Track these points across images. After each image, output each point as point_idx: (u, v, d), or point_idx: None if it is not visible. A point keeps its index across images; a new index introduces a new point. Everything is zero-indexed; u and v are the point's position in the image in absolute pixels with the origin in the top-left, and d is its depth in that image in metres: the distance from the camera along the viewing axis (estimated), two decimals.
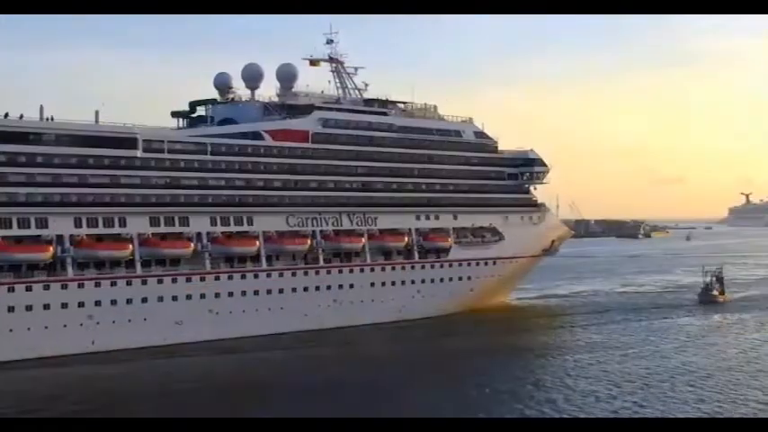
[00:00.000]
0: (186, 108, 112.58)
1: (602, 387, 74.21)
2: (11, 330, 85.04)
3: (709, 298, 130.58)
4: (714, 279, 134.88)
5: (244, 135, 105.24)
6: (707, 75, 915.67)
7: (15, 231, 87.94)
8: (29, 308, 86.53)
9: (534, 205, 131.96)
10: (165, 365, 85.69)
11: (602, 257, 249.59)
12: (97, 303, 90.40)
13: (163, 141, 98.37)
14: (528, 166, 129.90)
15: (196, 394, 73.93)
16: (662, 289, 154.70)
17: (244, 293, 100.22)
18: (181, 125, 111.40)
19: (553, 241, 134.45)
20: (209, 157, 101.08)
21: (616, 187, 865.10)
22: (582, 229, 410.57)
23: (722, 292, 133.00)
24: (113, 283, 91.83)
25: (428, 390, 75.14)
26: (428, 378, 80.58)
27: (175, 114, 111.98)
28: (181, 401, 70.75)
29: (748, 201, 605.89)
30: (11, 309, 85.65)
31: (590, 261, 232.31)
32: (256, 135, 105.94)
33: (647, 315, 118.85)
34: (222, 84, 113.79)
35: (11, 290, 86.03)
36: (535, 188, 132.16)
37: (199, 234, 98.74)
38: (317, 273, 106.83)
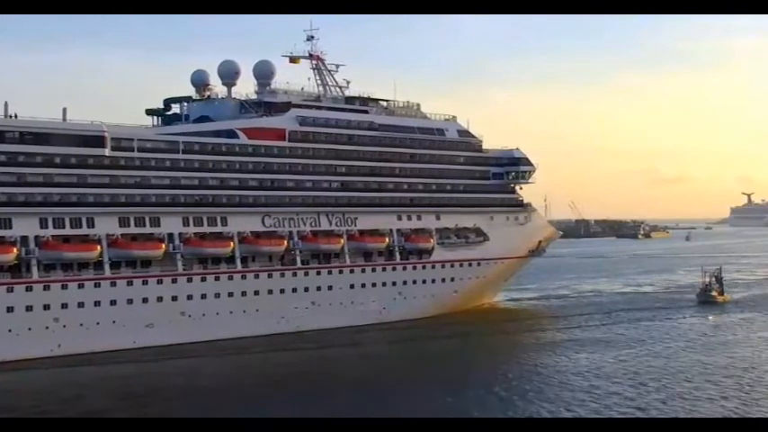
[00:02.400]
0: (161, 106, 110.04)
1: (626, 386, 73.44)
2: None
3: (707, 298, 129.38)
4: (713, 279, 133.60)
5: (218, 133, 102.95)
6: (708, 74, 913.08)
7: None
8: None
9: (520, 205, 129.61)
10: (128, 370, 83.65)
11: (602, 257, 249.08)
12: (64, 306, 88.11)
13: (132, 140, 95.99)
14: (514, 165, 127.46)
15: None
16: (662, 289, 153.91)
17: (218, 295, 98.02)
18: (155, 123, 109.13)
19: (540, 242, 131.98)
20: (181, 155, 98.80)
21: (616, 187, 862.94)
22: (582, 228, 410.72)
23: (721, 293, 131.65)
24: (81, 285, 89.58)
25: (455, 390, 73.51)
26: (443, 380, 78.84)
27: (150, 112, 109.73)
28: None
29: (750, 201, 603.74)
30: None
31: (590, 261, 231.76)
32: (231, 133, 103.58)
33: (650, 315, 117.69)
34: (199, 81, 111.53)
35: None
36: (521, 188, 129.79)
37: (170, 235, 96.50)
38: (295, 274, 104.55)
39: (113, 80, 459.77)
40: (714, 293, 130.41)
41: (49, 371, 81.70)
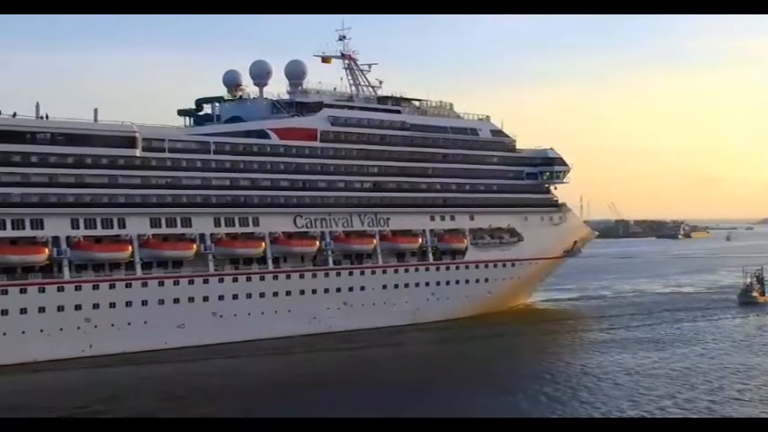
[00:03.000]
0: (193, 106, 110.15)
1: (679, 387, 72.81)
2: (4, 334, 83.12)
3: (749, 299, 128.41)
4: (755, 280, 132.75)
5: (249, 133, 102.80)
6: (747, 74, 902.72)
7: (10, 233, 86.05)
8: (23, 311, 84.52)
9: (555, 205, 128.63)
10: (165, 370, 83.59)
11: (641, 258, 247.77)
12: (95, 306, 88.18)
13: (163, 140, 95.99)
14: (548, 165, 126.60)
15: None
16: (704, 289, 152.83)
17: (249, 296, 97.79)
18: (188, 123, 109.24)
19: (575, 242, 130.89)
20: (212, 156, 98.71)
21: (656, 187, 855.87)
22: (621, 229, 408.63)
23: (762, 293, 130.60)
24: (112, 286, 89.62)
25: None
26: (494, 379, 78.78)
27: (182, 113, 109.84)
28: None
29: None
30: (4, 312, 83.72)
31: (629, 261, 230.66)
32: (262, 134, 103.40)
33: (692, 315, 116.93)
34: (231, 81, 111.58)
35: (4, 292, 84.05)
36: (555, 188, 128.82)
37: (202, 235, 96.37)
38: (327, 275, 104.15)
39: (146, 81, 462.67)
40: (755, 294, 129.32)
41: (84, 371, 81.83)
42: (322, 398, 70.27)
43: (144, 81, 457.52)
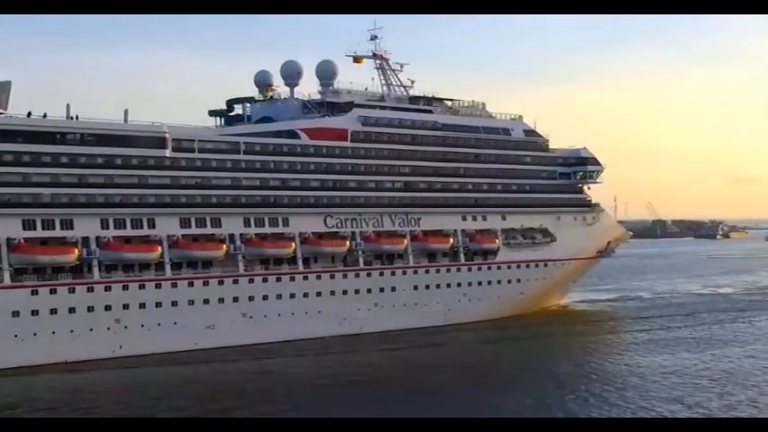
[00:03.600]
0: (224, 107, 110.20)
1: (725, 388, 72.29)
2: (35, 334, 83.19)
3: None
4: None
5: (279, 134, 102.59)
6: None
7: (40, 233, 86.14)
8: (53, 311, 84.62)
9: (588, 205, 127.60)
10: (203, 370, 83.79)
11: (679, 258, 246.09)
12: (125, 307, 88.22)
13: (193, 140, 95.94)
14: (581, 165, 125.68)
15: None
16: (742, 290, 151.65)
17: (279, 297, 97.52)
18: (219, 124, 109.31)
19: (609, 242, 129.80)
20: (242, 156, 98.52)
21: (694, 187, 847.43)
22: (659, 229, 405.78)
23: None
24: (142, 286, 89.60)
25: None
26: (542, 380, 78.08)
27: (213, 113, 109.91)
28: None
29: None
30: (35, 312, 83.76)
31: (667, 262, 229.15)
32: (292, 134, 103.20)
33: (732, 316, 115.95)
34: (262, 81, 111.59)
35: (34, 293, 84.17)
36: (589, 188, 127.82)
37: (232, 235, 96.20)
38: (357, 275, 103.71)
39: (177, 82, 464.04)
40: None
41: (121, 371, 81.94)
42: (390, 397, 70.42)
43: (175, 82, 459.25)
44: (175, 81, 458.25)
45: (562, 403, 67.57)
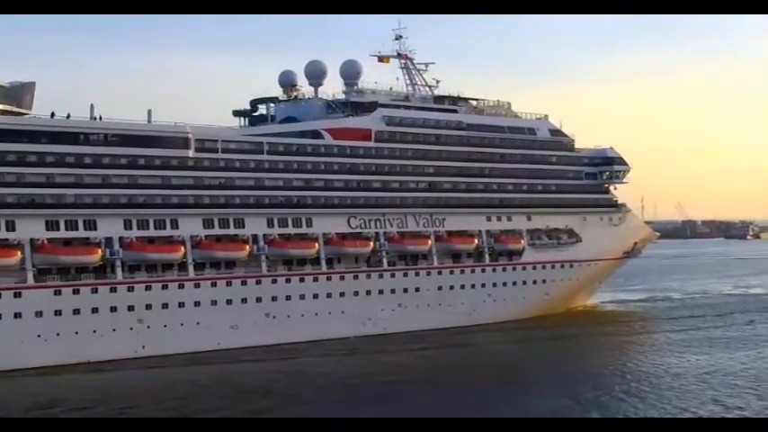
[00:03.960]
0: (248, 107, 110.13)
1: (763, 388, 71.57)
2: (58, 334, 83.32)
3: None
4: None
5: (302, 134, 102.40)
6: None
7: (63, 233, 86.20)
8: (76, 311, 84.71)
9: (614, 206, 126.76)
10: (229, 370, 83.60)
11: (710, 259, 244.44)
12: (148, 307, 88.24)
13: (216, 141, 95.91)
14: (607, 165, 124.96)
15: None
16: None
17: (302, 297, 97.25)
18: (243, 124, 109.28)
19: (635, 243, 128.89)
20: (265, 156, 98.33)
21: (724, 187, 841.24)
22: (688, 229, 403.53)
23: None
24: (165, 287, 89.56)
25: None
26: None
27: (237, 113, 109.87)
28: None
29: None
30: (58, 312, 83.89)
31: (698, 262, 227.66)
32: (316, 134, 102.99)
33: (765, 317, 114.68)
34: (286, 81, 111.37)
35: (57, 293, 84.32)
36: (615, 188, 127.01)
37: (255, 236, 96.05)
38: (381, 276, 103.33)
39: (201, 81, 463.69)
40: None
41: (142, 371, 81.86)
42: (422, 397, 70.14)
43: (200, 82, 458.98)
44: (200, 81, 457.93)
45: (598, 403, 67.01)
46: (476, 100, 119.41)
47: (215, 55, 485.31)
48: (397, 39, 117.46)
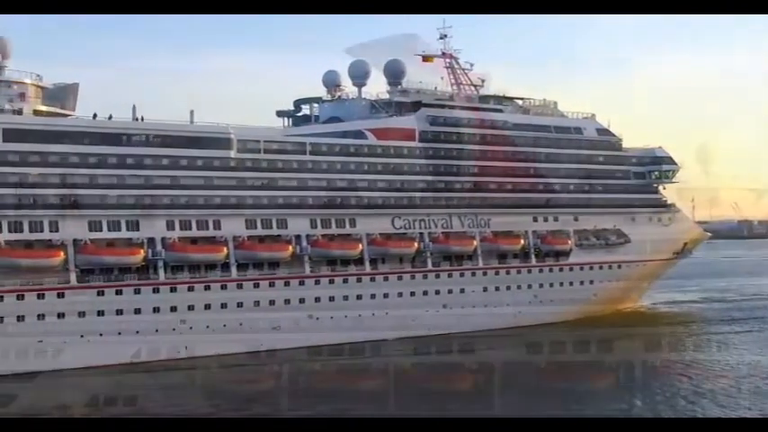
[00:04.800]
0: (292, 107, 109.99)
1: None
2: (101, 335, 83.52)
3: None
4: None
5: (346, 134, 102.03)
6: None
7: (106, 234, 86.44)
8: (119, 312, 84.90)
9: (664, 206, 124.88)
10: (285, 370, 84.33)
11: (765, 259, 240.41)
12: (190, 308, 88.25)
13: (259, 141, 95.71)
14: (656, 165, 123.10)
15: None
16: None
17: (346, 298, 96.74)
18: (286, 124, 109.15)
19: (685, 244, 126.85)
20: (308, 157, 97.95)
21: None
22: (745, 230, 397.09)
23: None
24: (207, 287, 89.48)
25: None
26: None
27: (280, 114, 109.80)
28: None
29: None
30: (101, 313, 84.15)
31: (754, 263, 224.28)
32: (359, 134, 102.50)
33: None
34: (330, 81, 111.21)
35: (100, 293, 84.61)
36: (664, 188, 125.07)
37: (298, 236, 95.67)
38: (425, 276, 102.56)
39: (245, 82, 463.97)
40: None
41: (187, 372, 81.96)
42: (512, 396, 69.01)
43: (244, 83, 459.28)
44: (243, 82, 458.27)
45: (674, 401, 66.57)
46: (521, 99, 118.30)
47: (258, 55, 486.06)
48: (441, 38, 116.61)
